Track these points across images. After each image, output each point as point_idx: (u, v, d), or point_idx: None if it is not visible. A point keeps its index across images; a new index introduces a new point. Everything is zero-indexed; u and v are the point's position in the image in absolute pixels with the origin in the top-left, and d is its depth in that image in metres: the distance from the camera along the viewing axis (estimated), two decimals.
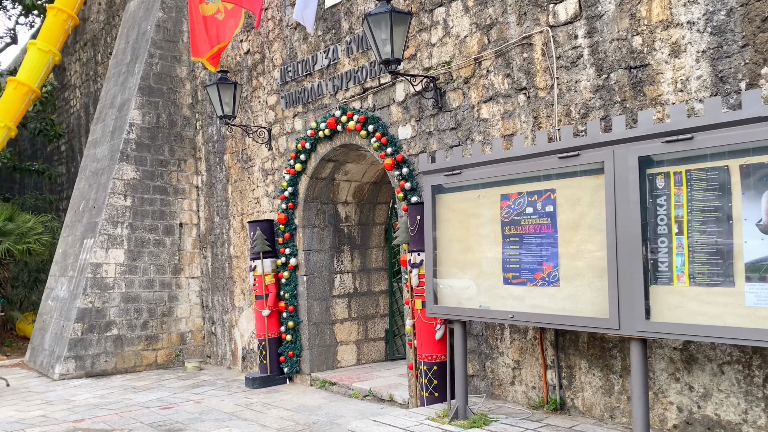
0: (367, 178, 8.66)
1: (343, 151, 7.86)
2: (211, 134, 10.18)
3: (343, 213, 8.70)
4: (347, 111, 7.32)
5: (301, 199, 8.27)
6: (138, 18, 11.08)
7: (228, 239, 9.83)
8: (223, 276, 9.97)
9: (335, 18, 7.67)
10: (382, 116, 7.04)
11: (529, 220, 4.77)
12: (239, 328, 9.62)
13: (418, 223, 6.12)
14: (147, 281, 9.94)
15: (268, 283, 8.37)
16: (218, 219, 10.07)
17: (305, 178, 8.19)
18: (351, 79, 7.43)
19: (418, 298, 6.16)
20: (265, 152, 8.95)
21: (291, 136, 8.44)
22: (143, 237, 9.95)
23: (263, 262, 8.37)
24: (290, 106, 8.42)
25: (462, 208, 5.30)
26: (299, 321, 8.30)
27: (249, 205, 9.33)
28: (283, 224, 8.37)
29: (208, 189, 10.30)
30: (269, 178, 8.89)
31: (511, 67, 5.70)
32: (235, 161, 9.61)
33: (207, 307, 10.40)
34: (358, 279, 8.84)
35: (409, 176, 6.62)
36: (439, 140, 6.39)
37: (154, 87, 10.25)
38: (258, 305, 8.40)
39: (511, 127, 5.71)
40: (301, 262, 8.31)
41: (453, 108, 6.24)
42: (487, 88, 5.91)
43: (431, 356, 6.10)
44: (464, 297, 5.27)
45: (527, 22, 5.55)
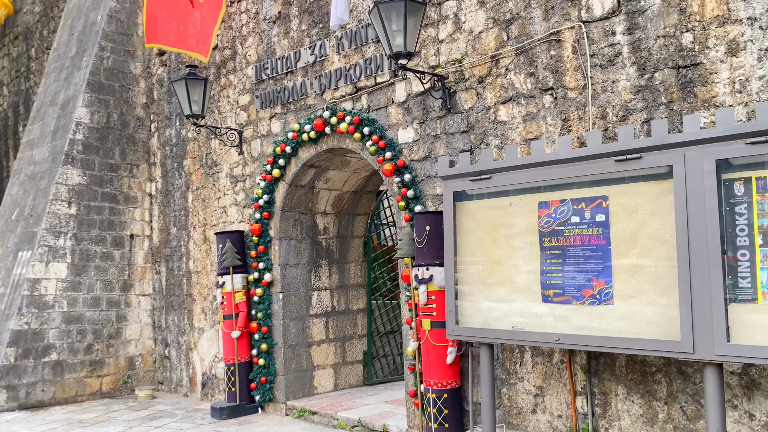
0: (348, 186, 8.02)
1: (327, 156, 7.19)
2: (169, 137, 9.25)
3: (322, 224, 8.00)
4: (338, 112, 6.68)
5: (278, 209, 7.52)
6: (85, 8, 10.04)
7: (187, 253, 8.91)
8: (180, 293, 9.01)
9: (323, 11, 7.03)
10: (379, 118, 6.45)
11: (575, 231, 4.28)
12: (199, 352, 8.68)
13: (426, 234, 5.53)
14: (93, 299, 8.85)
15: (239, 301, 7.54)
16: (175, 230, 9.13)
17: (283, 185, 7.46)
18: (341, 78, 6.80)
19: (425, 317, 5.55)
20: (235, 157, 8.14)
21: (267, 139, 7.70)
22: (89, 249, 8.88)
23: (233, 277, 7.54)
24: (266, 106, 7.68)
25: (489, 216, 4.76)
26: (273, 343, 7.50)
27: (213, 215, 8.47)
28: (257, 236, 7.58)
29: (164, 197, 9.35)
30: (239, 185, 8.09)
31: (534, 65, 5.25)
32: (198, 167, 8.74)
33: (160, 327, 9.38)
34: (336, 296, 8.14)
35: (412, 183, 6.04)
36: (447, 144, 5.85)
37: (105, 83, 9.25)
38: (226, 326, 7.55)
39: (535, 130, 5.24)
40: (276, 277, 7.54)
41: (464, 109, 5.72)
42: (507, 88, 5.43)
43: (441, 383, 5.48)
44: (492, 317, 4.72)
45: (555, 17, 5.12)
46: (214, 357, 8.41)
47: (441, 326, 5.46)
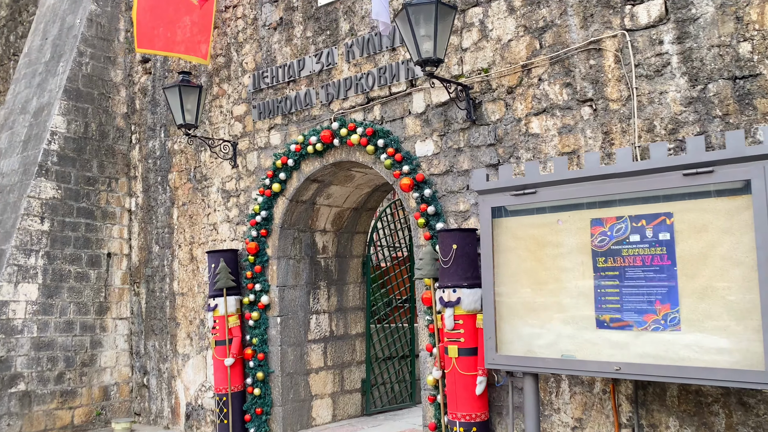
0: (349, 203, 7.59)
1: (332, 170, 6.76)
2: (153, 149, 8.67)
3: (321, 243, 7.53)
4: (348, 123, 6.27)
5: (277, 226, 7.03)
6: (60, 11, 9.42)
7: (171, 273, 8.29)
8: (162, 317, 8.37)
9: (331, 18, 6.65)
10: (394, 130, 6.07)
11: (635, 250, 3.95)
12: (183, 380, 8.04)
13: (453, 254, 5.13)
14: (65, 323, 8.13)
15: (233, 326, 6.98)
16: (157, 249, 8.51)
17: (283, 200, 6.98)
18: (351, 87, 6.41)
19: (452, 344, 5.14)
20: (228, 170, 7.63)
21: (265, 151, 7.22)
22: (63, 269, 8.18)
23: (227, 300, 6.98)
24: (265, 117, 7.22)
25: (532, 234, 4.41)
26: (270, 371, 6.95)
27: (202, 233, 7.91)
28: (254, 255, 7.06)
29: (145, 213, 8.73)
30: (232, 201, 7.56)
31: (571, 75, 4.96)
32: (185, 181, 8.17)
33: (138, 354, 8.69)
34: (335, 320, 7.65)
35: (432, 199, 5.66)
36: (471, 158, 5.50)
37: (83, 91, 8.63)
38: (218, 352, 6.96)
39: (572, 144, 4.93)
40: (274, 300, 7.01)
41: (491, 121, 5.39)
42: (539, 99, 5.13)
43: (470, 415, 5.06)
44: (537, 344, 4.34)
45: (595, 25, 4.85)
46: (201, 386, 7.78)
47: (470, 353, 5.06)
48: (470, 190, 5.50)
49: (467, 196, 5.51)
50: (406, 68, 5.96)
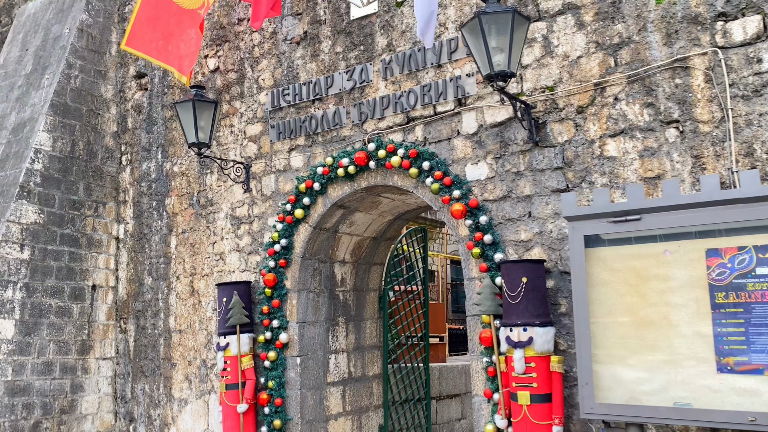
0: (370, 231, 7.03)
1: (361, 195, 6.21)
2: (147, 171, 7.92)
3: (339, 275, 6.91)
4: (387, 144, 5.75)
5: (297, 255, 6.39)
6: (44, 21, 8.65)
7: (166, 307, 7.48)
8: (154, 357, 7.51)
9: (365, 32, 6.18)
10: (439, 152, 5.58)
11: (764, 284, 3.53)
12: (178, 428, 7.17)
13: (523, 288, 4.62)
14: (44, 365, 7.18)
15: (246, 367, 6.24)
16: (151, 281, 7.69)
17: (306, 228, 6.36)
18: (389, 106, 5.91)
19: (522, 389, 4.59)
20: (239, 195, 6.96)
21: (284, 174, 6.61)
22: (43, 303, 7.26)
23: (240, 338, 6.25)
24: (285, 137, 6.63)
25: (633, 266, 3.95)
26: (287, 419, 6.22)
27: (206, 263, 7.17)
28: (271, 288, 6.38)
29: (136, 242, 7.92)
30: (243, 228, 6.88)
31: (653, 95, 4.60)
32: (186, 206, 7.45)
33: (123, 398, 7.77)
34: (353, 360, 7.00)
35: (489, 227, 5.16)
36: (534, 182, 5.05)
37: (72, 106, 7.85)
38: (229, 397, 6.19)
39: (656, 168, 4.54)
40: (293, 338, 6.33)
41: (558, 143, 4.97)
42: (616, 120, 4.74)
43: None
44: (642, 390, 3.85)
45: (680, 42, 4.52)
46: None
47: (543, 400, 4.53)
48: (533, 218, 5.03)
49: (530, 224, 5.04)
50: (455, 86, 5.52)
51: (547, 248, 4.94)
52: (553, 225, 4.93)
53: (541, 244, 4.97)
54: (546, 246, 4.95)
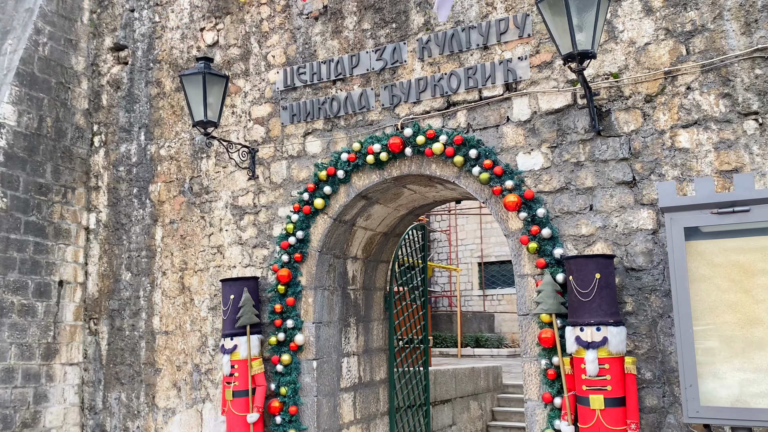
0: (383, 227, 6.56)
1: (387, 186, 5.75)
2: (126, 154, 7.09)
3: (351, 272, 6.41)
4: (426, 130, 5.32)
5: (315, 250, 5.84)
6: None
7: (149, 306, 6.69)
8: (133, 362, 6.69)
9: (398, 9, 5.73)
10: (486, 140, 5.21)
11: None
12: None
13: (596, 284, 4.32)
14: (4, 372, 6.23)
15: (257, 372, 5.61)
16: (129, 276, 6.87)
17: (325, 219, 5.82)
18: (426, 89, 5.49)
19: (595, 393, 4.27)
20: (242, 182, 6.31)
21: (299, 161, 6.03)
22: (4, 300, 6.30)
23: (250, 339, 5.62)
24: (300, 120, 6.06)
25: (736, 261, 3.73)
26: (301, 429, 5.64)
27: (200, 257, 6.46)
28: (285, 284, 5.79)
29: (111, 233, 7.07)
30: (247, 219, 6.24)
31: (730, 85, 4.43)
32: (176, 193, 6.70)
33: (92, 409, 6.89)
34: (362, 364, 6.50)
35: (546, 220, 4.84)
36: (597, 174, 4.77)
37: (39, 77, 6.91)
38: (237, 406, 5.54)
39: (733, 161, 4.37)
40: (309, 339, 5.76)
41: (624, 132, 4.72)
42: (689, 110, 4.54)
43: None
44: (750, 392, 3.61)
45: (760, 32, 4.38)
46: None
47: (617, 404, 4.24)
48: (595, 211, 4.75)
49: (591, 218, 4.76)
50: (505, 69, 5.17)
51: (611, 243, 4.68)
52: (618, 219, 4.67)
53: (604, 239, 4.70)
54: (610, 241, 4.68)
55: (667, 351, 4.43)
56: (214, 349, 6.23)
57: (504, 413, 9.94)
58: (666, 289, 4.47)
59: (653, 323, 4.50)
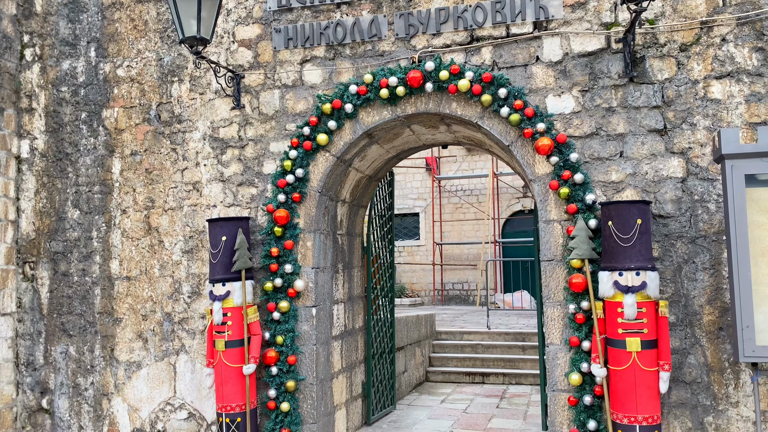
0: (370, 169, 6.22)
1: (395, 124, 5.40)
2: (70, 73, 6.07)
3: (339, 216, 6.03)
4: (451, 65, 5.01)
5: (314, 190, 5.39)
6: None
7: (105, 249, 5.88)
8: (85, 311, 5.89)
9: None
10: (514, 79, 5.01)
11: None
12: (127, 399, 5.75)
13: (637, 230, 4.35)
14: None
15: (252, 321, 5.14)
16: (78, 215, 5.98)
17: (326, 157, 5.37)
18: (448, 21, 5.15)
19: (632, 335, 4.34)
20: (223, 111, 5.65)
21: (295, 91, 5.48)
22: None
23: (245, 285, 5.12)
24: (297, 45, 5.48)
25: None
26: (300, 379, 5.29)
27: (170, 195, 5.74)
28: (282, 226, 5.31)
29: (52, 164, 6.09)
30: (230, 153, 5.61)
31: (764, 39, 4.56)
32: (139, 121, 5.86)
33: (30, 365, 6.02)
34: (347, 311, 6.21)
35: (578, 165, 4.78)
36: (628, 120, 4.77)
37: None
38: (230, 357, 5.06)
39: (763, 113, 4.53)
40: (309, 286, 5.36)
41: (658, 80, 4.73)
42: (723, 62, 4.63)
43: (651, 417, 4.33)
44: None
45: None
46: (165, 404, 5.64)
47: (652, 346, 4.34)
48: (625, 158, 4.76)
49: (622, 165, 4.76)
50: (536, 6, 4.97)
51: (640, 190, 4.72)
52: (649, 166, 4.71)
53: (633, 186, 4.73)
54: (639, 188, 4.72)
55: (690, 295, 4.59)
56: (190, 296, 5.63)
57: (440, 359, 10.10)
58: (692, 236, 4.60)
59: (678, 269, 4.63)
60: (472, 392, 8.71)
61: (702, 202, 4.60)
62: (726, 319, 4.50)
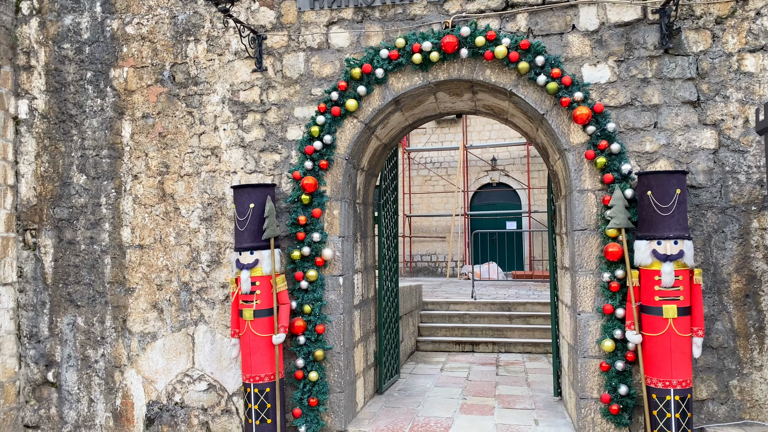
0: (387, 138, 6.13)
1: (423, 90, 5.31)
2: (73, 29, 5.72)
3: (358, 184, 5.94)
4: (487, 31, 4.94)
5: (341, 157, 5.28)
6: None
7: (116, 216, 5.63)
8: (94, 280, 5.65)
9: None
10: (549, 47, 4.99)
11: None
12: (141, 371, 5.57)
13: (676, 200, 4.44)
14: None
15: (281, 289, 5.03)
16: (84, 180, 5.69)
17: (353, 124, 5.25)
18: None
19: (669, 303, 4.45)
20: (244, 74, 5.43)
21: (321, 54, 5.31)
22: None
23: (274, 253, 4.99)
24: (323, 6, 5.30)
25: None
26: (327, 348, 5.23)
27: (187, 160, 5.52)
28: (310, 194, 5.19)
29: (54, 126, 5.75)
30: (252, 118, 5.42)
31: None
32: (151, 82, 5.58)
33: (34, 336, 5.75)
34: (363, 280, 6.16)
35: (614, 135, 4.81)
36: (663, 91, 4.82)
37: None
38: (258, 326, 4.94)
39: None
40: (336, 255, 5.27)
41: (693, 52, 4.79)
42: (757, 35, 4.71)
43: (685, 381, 4.47)
44: None
45: None
46: (182, 376, 5.49)
47: (686, 313, 4.47)
48: (659, 128, 4.83)
49: (656, 135, 4.83)
50: None
51: (673, 161, 4.80)
52: (682, 137, 4.79)
53: (667, 156, 4.81)
54: (672, 159, 4.80)
55: (719, 264, 4.73)
56: (209, 265, 5.46)
57: (429, 329, 10.19)
58: (722, 206, 4.73)
59: (708, 238, 4.76)
60: (465, 360, 8.83)
61: (732, 174, 4.72)
62: (752, 287, 4.67)
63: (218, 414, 5.41)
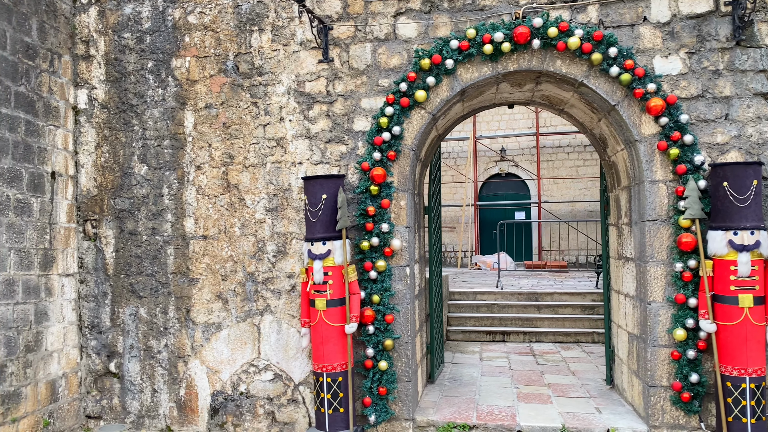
0: (443, 129, 6.14)
1: (490, 81, 5.33)
2: (133, 17, 5.68)
3: (416, 175, 5.95)
4: (559, 22, 4.96)
5: (408, 148, 5.29)
6: None
7: (179, 207, 5.63)
8: (156, 271, 5.65)
9: None
10: (621, 39, 5.01)
11: None
12: (205, 361, 5.59)
13: (753, 191, 4.50)
14: (5, 284, 4.89)
15: (353, 279, 5.06)
16: (146, 170, 5.67)
17: (421, 115, 5.27)
18: None
19: (745, 292, 4.52)
20: (310, 64, 5.42)
21: (388, 45, 5.31)
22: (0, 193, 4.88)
23: (345, 244, 5.01)
24: None
25: None
26: (395, 337, 5.27)
27: (251, 151, 5.52)
28: (379, 185, 5.20)
29: (114, 116, 5.72)
30: (318, 109, 5.42)
31: None
32: (214, 72, 5.56)
33: (95, 328, 5.75)
34: (420, 270, 6.19)
35: (687, 127, 4.86)
36: (735, 83, 4.87)
37: None
38: (330, 316, 4.97)
39: None
40: (403, 245, 5.30)
41: (765, 44, 4.83)
42: None
43: (760, 369, 4.55)
44: None
45: None
46: (248, 366, 5.52)
47: (761, 302, 4.55)
48: (730, 120, 4.87)
49: (727, 127, 4.88)
50: None
51: (744, 152, 4.86)
52: (754, 129, 4.84)
53: (738, 147, 4.86)
54: (744, 150, 4.86)
55: None
56: (275, 255, 5.47)
57: (458, 318, 10.26)
58: None
59: None
60: (500, 350, 8.90)
61: None
62: None
63: (284, 403, 5.44)
